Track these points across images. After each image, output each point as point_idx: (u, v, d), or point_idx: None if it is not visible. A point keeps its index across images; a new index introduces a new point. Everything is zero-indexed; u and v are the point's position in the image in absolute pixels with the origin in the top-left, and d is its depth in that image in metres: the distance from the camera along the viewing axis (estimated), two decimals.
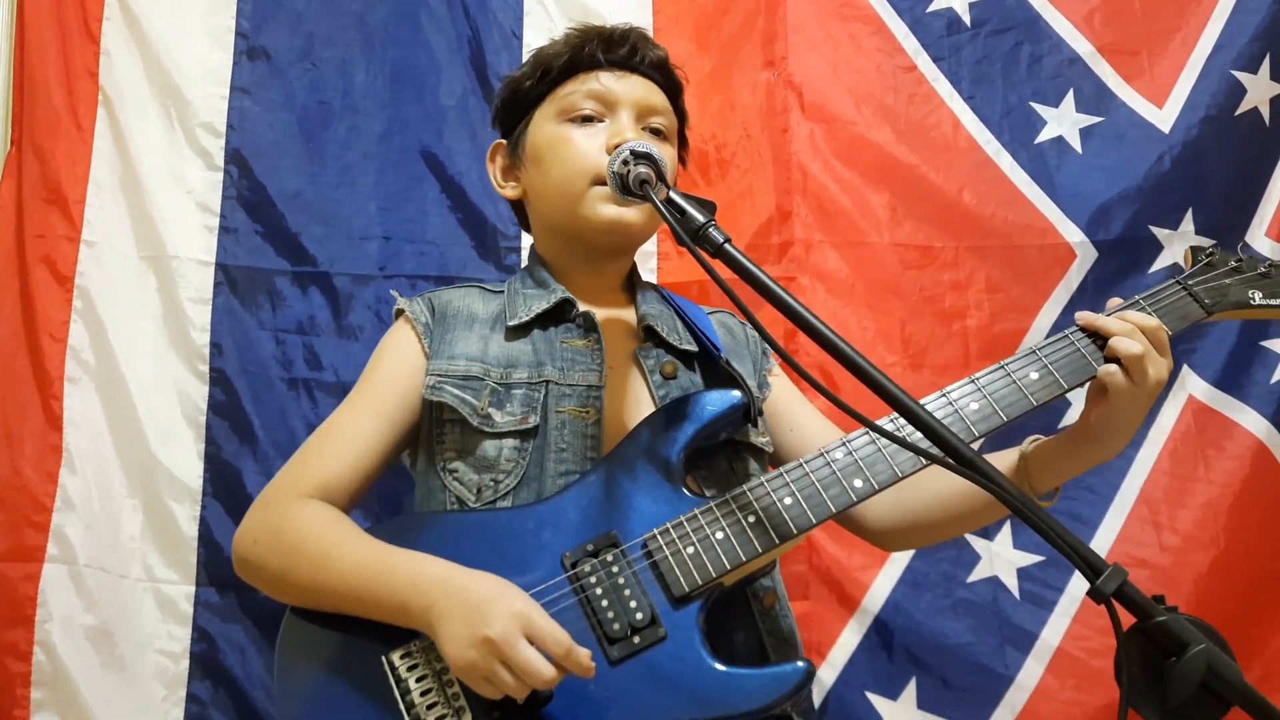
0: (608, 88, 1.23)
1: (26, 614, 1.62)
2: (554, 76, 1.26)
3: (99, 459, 1.70)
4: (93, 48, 1.82)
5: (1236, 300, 1.16)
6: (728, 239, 0.98)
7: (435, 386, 1.17)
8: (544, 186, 1.25)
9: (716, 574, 1.04)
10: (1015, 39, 1.95)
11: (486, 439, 1.14)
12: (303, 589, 1.08)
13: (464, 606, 0.97)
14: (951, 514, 1.22)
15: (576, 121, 1.23)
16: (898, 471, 1.07)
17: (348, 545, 1.07)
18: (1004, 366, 1.12)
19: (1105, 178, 1.87)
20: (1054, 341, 1.13)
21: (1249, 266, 1.18)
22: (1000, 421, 1.09)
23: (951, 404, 1.10)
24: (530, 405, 1.16)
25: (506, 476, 1.13)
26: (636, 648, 1.01)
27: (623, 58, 1.25)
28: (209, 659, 1.67)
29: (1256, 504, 1.74)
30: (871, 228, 1.89)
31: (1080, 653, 1.71)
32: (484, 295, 1.28)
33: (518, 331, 1.21)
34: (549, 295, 1.24)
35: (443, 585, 1.00)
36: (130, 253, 1.78)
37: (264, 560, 1.10)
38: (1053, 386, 1.10)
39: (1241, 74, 1.85)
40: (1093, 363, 1.10)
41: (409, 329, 1.24)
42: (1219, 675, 0.75)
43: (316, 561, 1.06)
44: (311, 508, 1.11)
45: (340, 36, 1.90)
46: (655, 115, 1.26)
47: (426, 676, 1.01)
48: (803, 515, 1.06)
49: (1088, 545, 0.80)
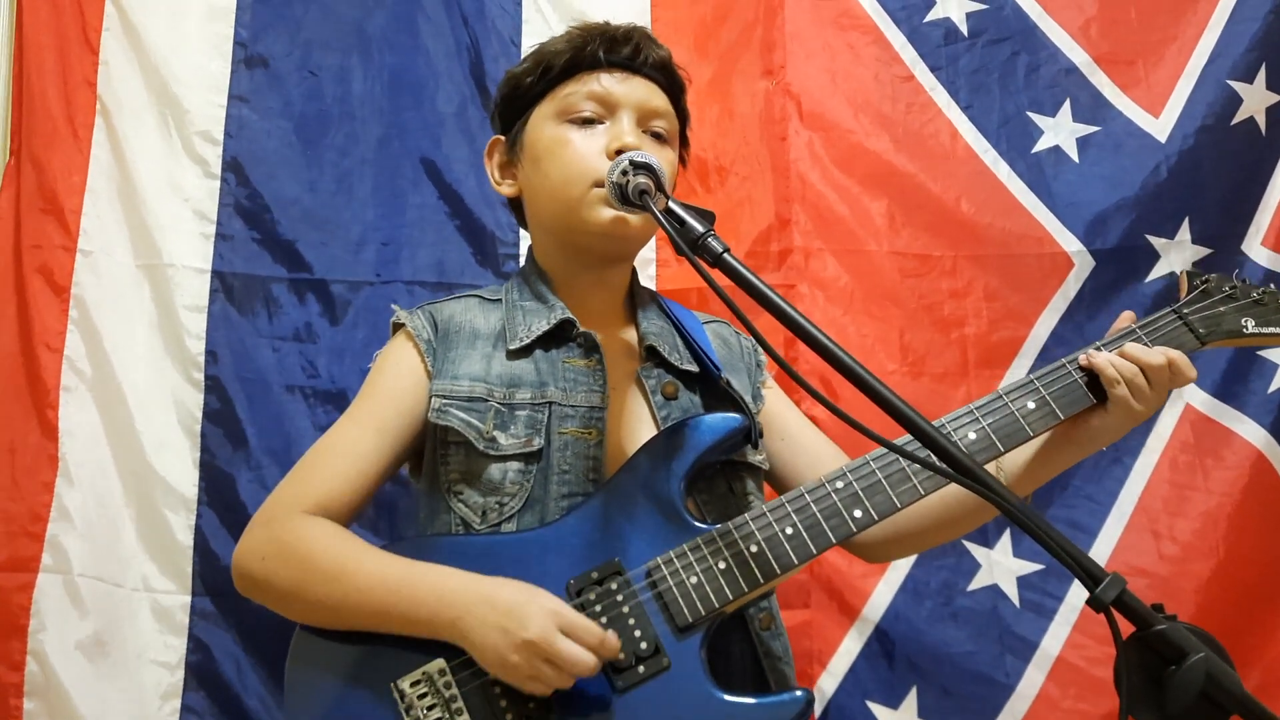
0: (609, 90, 1.22)
1: (20, 624, 1.61)
2: (555, 75, 1.24)
3: (95, 468, 1.70)
4: (91, 58, 1.82)
5: (1229, 329, 1.19)
6: (726, 248, 0.98)
7: (441, 410, 1.16)
8: (542, 188, 1.24)
9: (720, 604, 1.04)
10: (1012, 49, 1.96)
11: (492, 462, 1.14)
12: (316, 604, 1.07)
13: (496, 614, 0.98)
14: (936, 522, 1.23)
15: (576, 123, 1.21)
16: (897, 503, 1.08)
17: (365, 560, 1.07)
18: (1002, 395, 1.13)
19: (1102, 187, 1.88)
20: (1051, 370, 1.15)
21: (1243, 293, 1.21)
22: (998, 452, 1.11)
23: (950, 435, 1.11)
24: (534, 427, 1.15)
25: (511, 499, 1.13)
26: (641, 677, 1.01)
27: (625, 58, 1.24)
28: (204, 669, 1.66)
29: (1255, 513, 1.74)
30: (870, 236, 1.89)
31: (1080, 661, 1.70)
32: (483, 307, 1.27)
33: (519, 353, 1.21)
34: (549, 314, 1.22)
35: (468, 595, 1.01)
36: (127, 261, 1.78)
37: (274, 577, 1.09)
38: (1049, 417, 1.12)
39: (1237, 83, 1.85)
40: (1089, 393, 1.13)
41: (410, 345, 1.22)
42: (1218, 683, 0.75)
43: (333, 576, 1.06)
44: (319, 524, 1.11)
45: (338, 44, 1.91)
46: (656, 118, 1.24)
47: (435, 706, 1.01)
48: (803, 546, 1.07)
49: (1087, 554, 0.79)
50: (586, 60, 1.23)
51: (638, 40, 1.25)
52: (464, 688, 1.02)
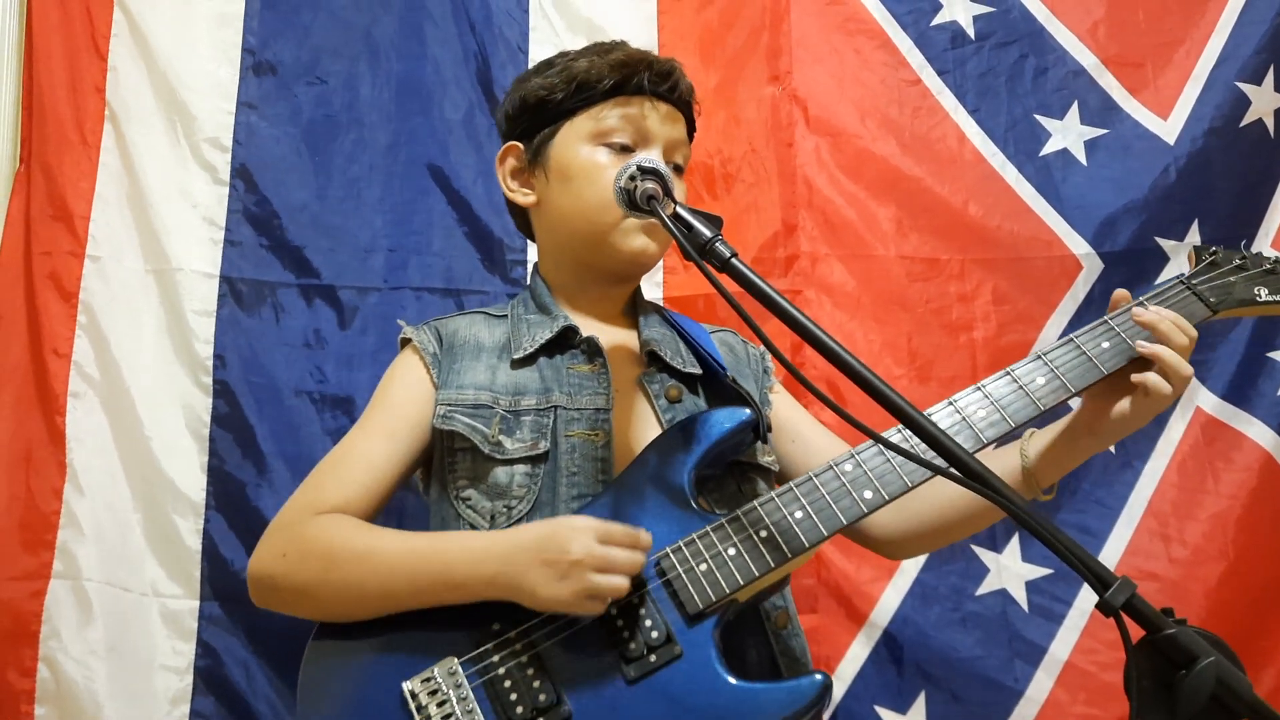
0: (648, 119, 1.25)
1: (31, 630, 1.62)
2: (596, 96, 1.25)
3: (104, 474, 1.70)
4: (100, 64, 1.83)
5: (1242, 297, 1.17)
6: (734, 253, 0.98)
7: (446, 416, 1.17)
8: (571, 207, 1.25)
9: (730, 590, 1.04)
10: (1019, 52, 1.95)
11: (498, 466, 1.15)
12: (343, 589, 1.08)
13: (531, 552, 1.01)
14: (956, 518, 1.23)
15: (613, 148, 1.23)
16: (907, 482, 1.07)
17: (386, 539, 1.09)
18: (1010, 372, 1.13)
19: (1111, 189, 1.87)
20: (1059, 346, 1.14)
21: (1254, 264, 1.19)
22: (1008, 428, 1.10)
23: (959, 411, 1.10)
24: (540, 431, 1.16)
25: (519, 503, 1.14)
26: (653, 666, 1.01)
27: (665, 90, 1.26)
28: (213, 674, 1.67)
29: (1265, 516, 1.73)
30: (877, 240, 1.89)
31: (1090, 666, 1.70)
32: (489, 322, 1.28)
33: (523, 362, 1.22)
34: (552, 323, 1.24)
35: (499, 548, 1.04)
36: (136, 266, 1.78)
37: (295, 571, 1.10)
38: (1060, 391, 1.11)
39: (1246, 85, 1.85)
40: (1099, 366, 1.12)
41: (416, 359, 1.24)
42: (1229, 688, 0.74)
43: (360, 557, 1.08)
44: (336, 519, 1.12)
45: (346, 51, 1.91)
46: (679, 151, 1.28)
47: (447, 704, 1.01)
48: (814, 528, 1.06)
49: (1096, 558, 0.79)
50: (631, 87, 1.25)
51: (677, 75, 1.29)
52: (474, 685, 1.02)
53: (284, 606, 1.13)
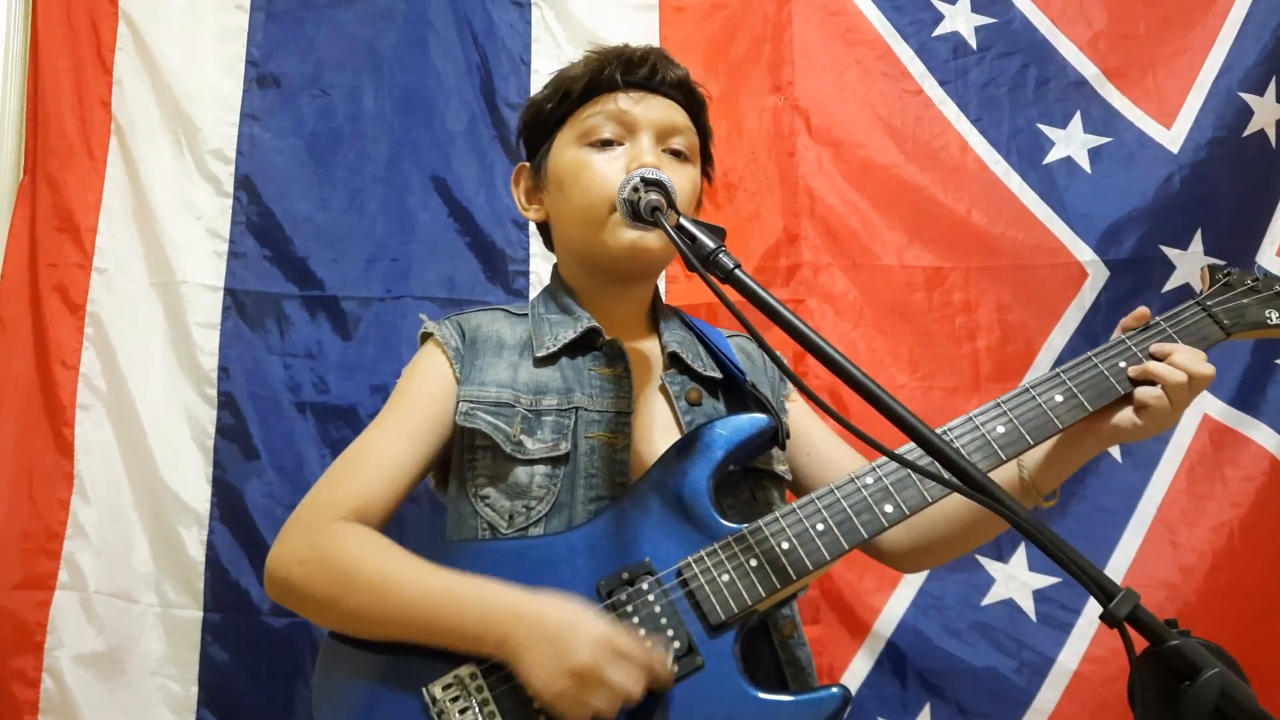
0: (627, 110, 1.22)
1: (36, 641, 1.62)
2: (574, 99, 1.25)
3: (110, 485, 1.71)
4: (106, 78, 1.84)
5: (1254, 320, 1.18)
6: (738, 264, 0.98)
7: (469, 413, 1.17)
8: (566, 211, 1.25)
9: (753, 602, 1.04)
10: (1021, 62, 1.96)
11: (519, 465, 1.14)
12: (355, 614, 1.07)
13: (544, 638, 0.98)
14: (964, 530, 1.22)
15: (596, 145, 1.22)
16: (928, 498, 1.07)
17: (409, 572, 1.06)
18: (1029, 389, 1.12)
19: (1115, 197, 1.87)
20: (1077, 364, 1.14)
21: (1265, 286, 1.20)
22: (1027, 445, 1.10)
23: (979, 428, 1.10)
24: (561, 432, 1.16)
25: (538, 503, 1.13)
26: (675, 677, 1.01)
27: (642, 79, 1.24)
28: (216, 685, 1.67)
29: (1273, 522, 1.72)
30: (880, 250, 1.89)
31: (1097, 677, 1.69)
32: (510, 320, 1.28)
33: (546, 360, 1.21)
34: (575, 324, 1.23)
35: (515, 615, 1.00)
36: (141, 278, 1.80)
37: (312, 583, 1.08)
38: (1078, 409, 1.11)
39: (1248, 95, 1.85)
40: (1116, 384, 1.12)
41: (439, 352, 1.23)
42: (1233, 699, 0.74)
43: (376, 588, 1.05)
44: (358, 532, 1.11)
45: (349, 63, 1.92)
46: (676, 135, 1.25)
47: (468, 709, 1.01)
48: (835, 541, 1.06)
49: (1100, 569, 0.79)
50: (604, 82, 1.24)
51: (654, 60, 1.26)
52: (495, 690, 1.02)
53: (296, 609, 1.12)
